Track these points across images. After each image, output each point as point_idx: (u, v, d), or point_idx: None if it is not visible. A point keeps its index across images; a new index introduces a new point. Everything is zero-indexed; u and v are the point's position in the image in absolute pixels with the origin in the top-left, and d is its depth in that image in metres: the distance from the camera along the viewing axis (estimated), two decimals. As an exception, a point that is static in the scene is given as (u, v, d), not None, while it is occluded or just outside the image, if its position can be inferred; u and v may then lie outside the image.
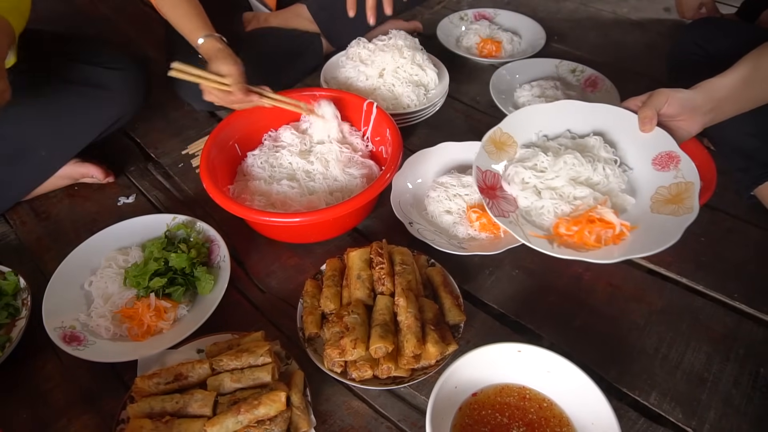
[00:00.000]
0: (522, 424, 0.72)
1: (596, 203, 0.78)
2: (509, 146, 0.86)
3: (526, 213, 0.80)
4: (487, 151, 0.84)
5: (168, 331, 0.87)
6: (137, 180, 1.21)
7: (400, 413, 0.80)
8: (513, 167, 0.83)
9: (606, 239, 0.74)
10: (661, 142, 0.82)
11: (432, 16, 1.73)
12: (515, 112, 0.90)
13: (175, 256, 0.91)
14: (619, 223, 0.74)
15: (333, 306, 0.85)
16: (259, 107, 1.13)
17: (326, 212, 0.91)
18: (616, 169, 0.82)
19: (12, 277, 0.93)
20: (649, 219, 0.77)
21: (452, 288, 0.89)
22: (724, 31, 1.13)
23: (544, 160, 0.83)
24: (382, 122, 1.10)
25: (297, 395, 0.75)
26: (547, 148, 0.84)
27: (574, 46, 1.61)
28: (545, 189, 0.81)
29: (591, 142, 0.85)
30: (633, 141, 0.85)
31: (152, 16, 1.81)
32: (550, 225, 0.78)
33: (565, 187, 0.80)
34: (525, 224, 0.76)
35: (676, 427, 0.78)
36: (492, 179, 0.82)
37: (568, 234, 0.75)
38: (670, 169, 0.80)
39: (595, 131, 0.88)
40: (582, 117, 0.88)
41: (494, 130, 0.85)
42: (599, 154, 0.83)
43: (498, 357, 0.74)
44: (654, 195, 0.79)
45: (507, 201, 0.80)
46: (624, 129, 0.86)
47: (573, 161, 0.81)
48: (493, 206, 0.77)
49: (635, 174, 0.84)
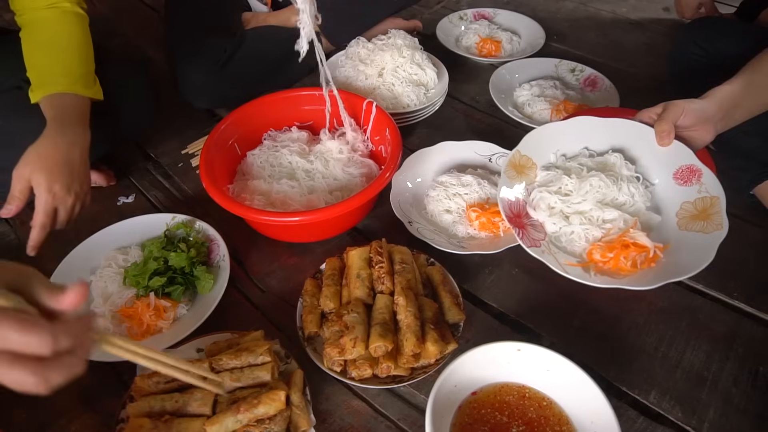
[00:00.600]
0: (522, 422, 0.72)
1: (626, 226, 0.76)
2: (529, 168, 0.84)
3: (555, 239, 0.78)
4: (509, 176, 0.82)
5: (167, 330, 0.87)
6: (137, 180, 1.21)
7: (400, 412, 0.80)
8: (537, 192, 0.82)
9: (641, 263, 0.73)
10: (680, 155, 0.81)
11: (431, 16, 1.73)
12: (531, 132, 0.88)
13: (174, 255, 0.91)
14: (653, 246, 0.73)
15: (332, 305, 0.85)
16: (259, 105, 1.13)
17: (326, 211, 0.91)
18: (639, 187, 0.81)
19: (11, 277, 0.93)
20: (678, 236, 0.75)
21: (452, 287, 0.89)
22: (723, 30, 1.13)
23: (567, 183, 0.81)
24: (381, 121, 1.10)
25: (296, 394, 0.75)
26: (569, 170, 0.82)
27: (574, 46, 1.61)
28: (573, 213, 0.79)
29: (611, 160, 0.83)
30: (652, 155, 0.83)
31: (152, 15, 1.81)
32: (581, 250, 0.76)
33: (593, 211, 0.79)
34: (557, 252, 0.74)
35: (676, 426, 0.78)
36: (517, 206, 0.80)
37: (604, 261, 0.73)
38: (692, 184, 0.79)
39: (613, 147, 0.86)
40: (599, 133, 0.86)
41: (513, 153, 0.84)
42: (621, 173, 0.82)
43: (497, 356, 0.74)
44: (679, 211, 0.78)
45: (535, 228, 0.78)
46: (641, 144, 0.84)
47: (599, 183, 0.79)
48: (524, 236, 0.75)
49: (657, 189, 0.83)
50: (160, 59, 1.51)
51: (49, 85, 0.92)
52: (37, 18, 0.98)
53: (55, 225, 0.89)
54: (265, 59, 1.34)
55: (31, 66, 0.95)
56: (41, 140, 0.88)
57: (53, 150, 0.87)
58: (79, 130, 0.92)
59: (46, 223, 0.87)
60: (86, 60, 0.99)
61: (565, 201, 0.80)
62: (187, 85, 1.26)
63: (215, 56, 1.25)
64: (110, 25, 1.73)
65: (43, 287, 0.49)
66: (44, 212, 0.86)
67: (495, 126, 1.33)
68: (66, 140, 0.89)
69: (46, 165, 0.86)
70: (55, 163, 0.87)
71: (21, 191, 0.87)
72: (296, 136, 1.16)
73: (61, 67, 0.94)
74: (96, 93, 0.99)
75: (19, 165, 0.86)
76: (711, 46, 1.11)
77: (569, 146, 0.87)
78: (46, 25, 0.98)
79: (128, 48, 1.65)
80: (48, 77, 0.93)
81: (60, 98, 0.92)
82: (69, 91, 0.92)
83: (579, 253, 0.75)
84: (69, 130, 0.90)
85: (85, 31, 1.01)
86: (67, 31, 0.98)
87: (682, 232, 0.75)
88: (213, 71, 1.25)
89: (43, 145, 0.87)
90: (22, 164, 0.86)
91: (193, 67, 1.24)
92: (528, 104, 1.33)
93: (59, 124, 0.89)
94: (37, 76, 0.94)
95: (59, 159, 0.87)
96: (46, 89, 0.92)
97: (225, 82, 1.27)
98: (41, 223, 0.86)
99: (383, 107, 1.12)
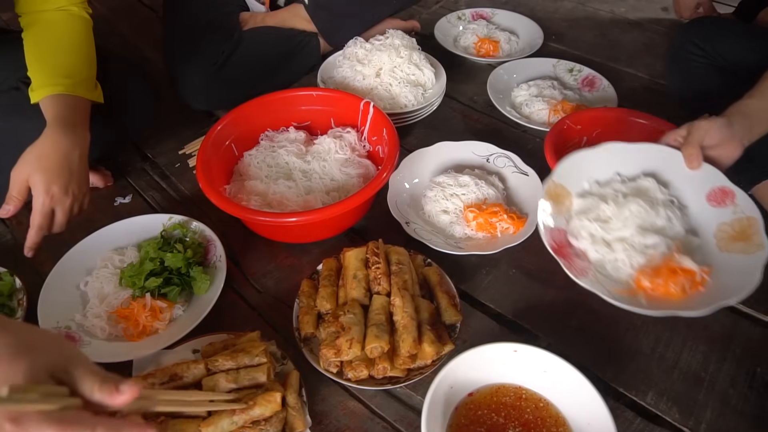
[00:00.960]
0: (518, 424, 0.72)
1: (669, 250, 0.76)
2: (565, 197, 0.84)
3: (600, 266, 0.78)
4: (546, 207, 0.82)
5: (163, 331, 0.87)
6: (134, 180, 1.20)
7: (396, 413, 0.80)
8: (577, 221, 0.82)
9: (689, 287, 0.73)
10: (711, 177, 0.81)
11: (429, 16, 1.73)
12: (563, 161, 0.86)
13: (170, 256, 0.90)
14: (699, 270, 0.73)
15: (329, 306, 0.85)
16: (256, 106, 1.13)
17: (323, 212, 0.91)
18: (675, 211, 0.81)
19: (7, 278, 0.93)
20: (719, 258, 0.76)
21: (448, 287, 0.89)
22: (721, 30, 1.13)
23: (606, 210, 0.81)
24: (379, 122, 1.09)
25: (292, 395, 0.74)
26: (605, 196, 0.83)
27: (572, 46, 1.61)
28: (615, 241, 0.79)
29: (645, 184, 0.83)
30: (684, 178, 0.83)
31: (150, 16, 1.81)
32: (627, 277, 0.76)
33: (634, 237, 0.79)
34: (604, 280, 0.75)
35: (673, 427, 0.78)
36: (559, 236, 0.80)
37: (654, 287, 0.74)
38: (726, 205, 0.79)
39: (645, 172, 0.86)
40: (629, 158, 0.87)
41: (548, 184, 0.84)
42: (656, 197, 0.82)
43: (494, 357, 0.74)
44: (717, 232, 0.78)
45: (579, 257, 0.79)
46: (672, 167, 0.84)
47: (638, 209, 0.79)
48: (571, 267, 0.75)
49: (691, 212, 0.83)
50: (157, 59, 1.51)
51: (51, 86, 0.91)
52: (44, 19, 0.97)
53: (52, 227, 0.89)
54: (262, 60, 1.34)
55: (34, 66, 0.94)
56: (40, 141, 0.87)
57: (52, 151, 0.87)
58: (79, 131, 0.91)
59: (44, 224, 0.86)
60: (89, 64, 0.99)
61: (605, 228, 0.80)
62: (185, 85, 1.26)
63: (213, 57, 1.25)
64: (108, 25, 1.73)
65: (90, 375, 0.48)
66: (41, 213, 0.86)
67: (493, 126, 1.33)
68: (66, 141, 0.88)
69: (44, 166, 0.86)
70: (53, 164, 0.86)
71: (19, 191, 0.86)
72: (293, 136, 1.15)
73: (65, 69, 0.94)
74: (97, 96, 0.99)
75: (17, 165, 0.86)
76: (709, 46, 1.11)
77: (601, 172, 0.87)
78: (52, 26, 0.97)
79: (126, 48, 1.65)
80: (51, 78, 0.92)
81: (61, 99, 0.91)
82: (71, 93, 0.92)
83: (625, 280, 0.76)
84: (69, 132, 0.90)
85: (90, 36, 1.02)
86: (72, 34, 0.98)
87: (723, 254, 0.75)
88: (211, 72, 1.25)
89: (43, 146, 0.87)
90: (21, 164, 0.86)
91: (190, 68, 1.24)
92: (526, 104, 1.33)
93: (59, 125, 0.89)
94: (40, 76, 0.93)
95: (58, 160, 0.87)
96: (48, 90, 0.91)
97: (223, 82, 1.27)
98: (38, 224, 0.86)
99: (381, 107, 1.12)
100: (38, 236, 0.87)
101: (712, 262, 0.76)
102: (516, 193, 1.10)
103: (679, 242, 0.79)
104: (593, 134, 1.16)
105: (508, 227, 1.00)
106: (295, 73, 1.43)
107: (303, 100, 1.17)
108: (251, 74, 1.32)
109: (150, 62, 1.54)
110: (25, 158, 0.86)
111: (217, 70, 1.25)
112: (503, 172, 1.13)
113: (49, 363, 0.47)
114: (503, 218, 1.00)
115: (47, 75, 0.93)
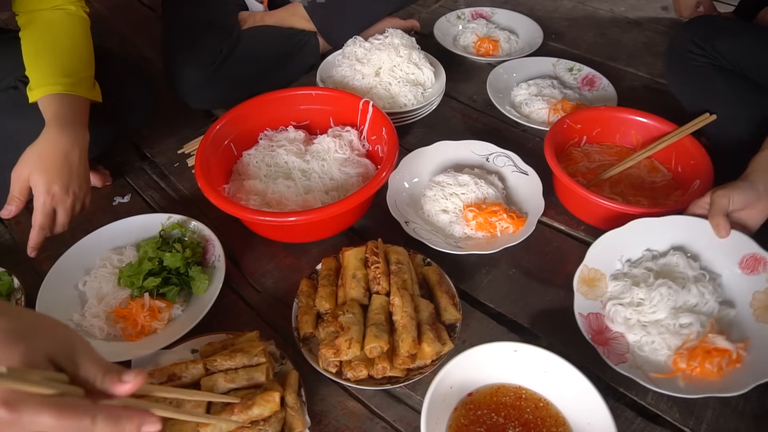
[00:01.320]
0: (518, 424, 0.72)
1: (703, 328, 0.77)
2: (599, 280, 0.86)
3: (638, 348, 0.80)
4: (582, 292, 0.83)
5: (162, 331, 0.86)
6: (132, 179, 1.20)
7: (396, 413, 0.80)
8: (612, 305, 0.83)
9: (726, 365, 0.74)
10: (741, 244, 0.82)
11: (429, 15, 1.72)
12: (594, 244, 0.87)
13: (169, 256, 0.90)
14: (734, 348, 0.74)
15: (328, 305, 0.85)
16: (255, 105, 1.13)
17: (322, 211, 0.90)
18: (708, 285, 0.81)
19: (6, 277, 0.92)
20: (757, 329, 0.77)
21: (448, 287, 0.89)
22: (722, 29, 1.13)
23: (638, 293, 0.82)
24: (378, 121, 1.09)
25: (291, 395, 0.74)
26: (636, 278, 0.84)
27: (572, 45, 1.60)
28: (650, 324, 0.81)
29: (674, 260, 0.84)
30: (713, 248, 0.84)
31: (149, 15, 1.81)
32: (665, 359, 0.78)
33: (668, 319, 0.80)
34: (644, 363, 0.77)
35: (674, 427, 0.78)
36: (596, 321, 0.82)
37: (690, 369, 0.75)
38: (760, 272, 0.80)
39: (674, 245, 0.87)
40: (657, 233, 0.87)
41: (581, 269, 0.85)
42: (687, 273, 0.82)
43: (494, 356, 0.73)
44: (752, 301, 0.79)
45: (617, 342, 0.80)
46: (701, 237, 0.85)
47: (668, 291, 0.80)
48: (610, 354, 0.77)
49: (725, 280, 0.83)
50: (156, 59, 1.51)
51: (50, 86, 0.91)
52: (41, 18, 0.97)
53: (54, 227, 0.89)
54: (261, 59, 1.33)
55: (32, 65, 0.94)
56: (40, 140, 0.87)
57: (52, 150, 0.87)
58: (78, 130, 0.91)
59: (45, 224, 0.86)
60: (88, 63, 0.99)
61: (639, 311, 0.81)
62: (183, 85, 1.25)
63: (211, 56, 1.25)
64: (107, 25, 1.73)
65: (94, 363, 0.47)
66: (43, 213, 0.86)
67: (492, 125, 1.33)
68: (65, 140, 0.88)
69: (44, 165, 0.86)
70: (53, 164, 0.86)
71: (20, 191, 0.86)
72: (293, 135, 1.15)
73: (63, 68, 0.93)
74: (96, 95, 0.99)
75: (18, 165, 0.86)
76: (709, 45, 1.10)
77: (631, 250, 0.89)
78: (49, 25, 0.97)
79: (124, 47, 1.65)
80: (49, 77, 0.92)
81: (60, 99, 0.91)
82: (70, 93, 0.92)
83: (663, 362, 0.77)
84: (68, 131, 0.89)
85: (87, 35, 1.01)
86: (70, 33, 0.98)
87: (760, 324, 0.76)
88: (209, 71, 1.24)
89: (42, 146, 0.87)
90: (21, 164, 0.86)
91: (189, 67, 1.24)
92: (525, 103, 1.33)
93: (59, 124, 0.89)
94: (38, 75, 0.93)
95: (58, 159, 0.86)
96: (47, 89, 0.91)
97: (221, 82, 1.27)
98: (40, 223, 0.86)
99: (380, 107, 1.12)
100: (40, 236, 0.87)
101: (750, 333, 0.76)
102: (516, 193, 1.09)
103: (714, 318, 0.79)
104: (593, 133, 1.16)
105: (508, 227, 1.00)
106: (294, 72, 1.43)
107: (302, 99, 1.16)
108: (250, 73, 1.32)
109: (148, 61, 1.54)
110: (25, 158, 0.86)
111: (215, 70, 1.25)
112: (503, 171, 1.12)
113: (50, 348, 0.45)
114: (503, 218, 0.99)
115: (45, 74, 0.93)
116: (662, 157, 1.11)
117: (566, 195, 1.07)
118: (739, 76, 1.09)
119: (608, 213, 0.98)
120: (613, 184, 1.09)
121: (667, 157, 1.10)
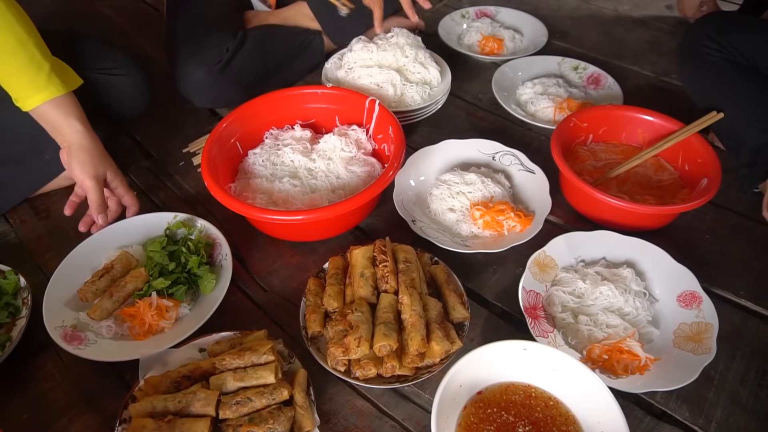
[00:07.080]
0: (528, 422, 0.71)
1: (626, 334, 0.84)
2: (551, 268, 0.93)
3: (563, 333, 0.86)
4: (532, 272, 0.90)
5: (170, 330, 0.86)
6: (138, 178, 1.20)
7: (405, 412, 0.79)
8: (554, 289, 0.90)
9: (632, 369, 0.80)
10: (686, 281, 0.89)
11: (434, 14, 1.72)
12: (558, 237, 0.94)
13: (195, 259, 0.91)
14: (645, 357, 0.80)
15: (336, 304, 0.84)
16: (261, 104, 1.13)
17: (328, 210, 0.90)
18: (644, 302, 0.88)
19: (12, 276, 0.92)
20: (670, 352, 0.83)
21: (456, 286, 0.89)
22: (736, 23, 1.12)
23: (581, 287, 0.90)
24: (384, 120, 1.09)
25: (300, 394, 0.74)
26: (585, 275, 0.91)
27: (576, 44, 1.60)
28: (582, 314, 0.87)
29: (624, 274, 0.91)
30: (660, 275, 0.92)
31: (152, 14, 1.81)
32: (583, 348, 0.84)
33: (599, 315, 0.87)
34: (561, 345, 0.83)
35: (683, 426, 0.78)
36: (534, 299, 0.88)
37: (600, 360, 0.81)
38: (692, 308, 0.86)
39: (628, 261, 0.95)
40: (617, 247, 0.95)
41: (539, 253, 0.92)
42: (631, 287, 0.89)
43: (503, 355, 0.73)
44: (677, 330, 0.85)
45: (547, 321, 0.87)
46: (652, 262, 0.93)
47: (608, 293, 0.88)
48: (535, 326, 0.84)
49: (660, 306, 0.90)
50: (161, 58, 1.50)
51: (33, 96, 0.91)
52: None
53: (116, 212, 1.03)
54: (267, 58, 1.33)
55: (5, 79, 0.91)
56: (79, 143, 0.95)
57: (94, 146, 0.97)
58: (74, 123, 0.95)
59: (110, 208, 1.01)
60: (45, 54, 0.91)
61: (577, 302, 0.89)
62: (188, 84, 1.25)
63: (217, 55, 1.24)
64: (110, 24, 1.72)
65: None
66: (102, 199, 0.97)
67: (498, 124, 1.32)
68: (92, 135, 0.97)
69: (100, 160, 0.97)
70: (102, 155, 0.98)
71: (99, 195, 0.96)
72: (299, 134, 1.15)
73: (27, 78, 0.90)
74: (73, 82, 0.99)
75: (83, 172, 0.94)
76: (725, 40, 1.10)
77: (590, 254, 0.96)
78: None
79: (129, 47, 1.64)
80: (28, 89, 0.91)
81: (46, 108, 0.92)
82: (50, 98, 0.92)
83: (581, 349, 0.84)
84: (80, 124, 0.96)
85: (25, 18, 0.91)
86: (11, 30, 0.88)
87: (675, 350, 0.83)
88: (214, 71, 1.24)
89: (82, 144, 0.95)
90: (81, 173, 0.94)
91: (194, 67, 1.23)
92: (531, 102, 1.32)
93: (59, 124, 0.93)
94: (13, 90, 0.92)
95: (101, 150, 0.98)
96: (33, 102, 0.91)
97: (226, 81, 1.26)
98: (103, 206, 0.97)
99: (386, 105, 1.11)
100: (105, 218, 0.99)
101: (663, 354, 0.83)
102: (522, 191, 1.09)
103: (637, 330, 0.86)
104: (600, 132, 1.16)
105: (515, 225, 1.00)
106: (299, 71, 1.42)
107: (308, 98, 1.16)
108: (256, 72, 1.31)
109: (153, 61, 1.54)
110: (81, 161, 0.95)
111: (221, 69, 1.24)
112: (509, 170, 1.12)
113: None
114: (510, 216, 0.99)
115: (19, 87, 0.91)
116: (669, 156, 1.11)
117: (573, 193, 1.07)
118: (754, 71, 1.08)
119: (616, 211, 0.98)
120: (619, 182, 1.08)
121: (674, 156, 1.10)
